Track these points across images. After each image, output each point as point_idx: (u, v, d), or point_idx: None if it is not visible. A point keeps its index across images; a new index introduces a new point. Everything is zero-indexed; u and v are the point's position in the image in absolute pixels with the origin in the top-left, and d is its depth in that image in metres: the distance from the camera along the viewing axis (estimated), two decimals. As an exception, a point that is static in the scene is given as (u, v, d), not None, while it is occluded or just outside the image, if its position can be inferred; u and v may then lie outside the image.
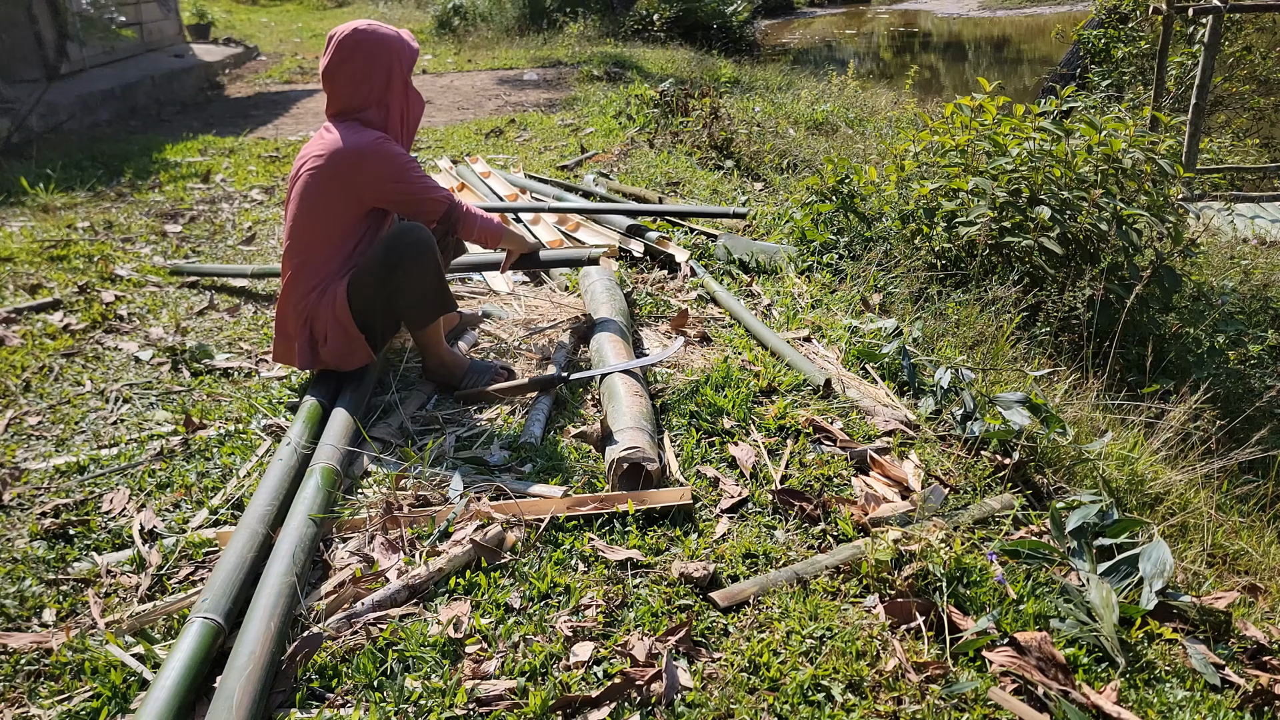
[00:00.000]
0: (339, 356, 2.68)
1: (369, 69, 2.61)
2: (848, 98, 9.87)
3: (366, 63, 2.60)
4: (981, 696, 1.68)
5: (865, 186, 4.56)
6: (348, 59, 2.60)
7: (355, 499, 2.30)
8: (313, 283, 2.65)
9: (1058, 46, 13.84)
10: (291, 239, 2.67)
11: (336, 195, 2.59)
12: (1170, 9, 6.27)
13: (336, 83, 2.62)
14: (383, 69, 2.62)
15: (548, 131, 7.24)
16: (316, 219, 2.62)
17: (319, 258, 2.64)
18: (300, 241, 2.65)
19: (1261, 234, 5.77)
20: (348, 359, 2.70)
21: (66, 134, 7.48)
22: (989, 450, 2.54)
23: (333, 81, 2.62)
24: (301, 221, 2.63)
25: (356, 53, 2.60)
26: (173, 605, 1.94)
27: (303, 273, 2.65)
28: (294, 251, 2.66)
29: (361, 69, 2.60)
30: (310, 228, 2.63)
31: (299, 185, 2.63)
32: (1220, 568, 2.49)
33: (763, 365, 2.95)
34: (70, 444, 2.68)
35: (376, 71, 2.62)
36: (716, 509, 2.24)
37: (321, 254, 2.64)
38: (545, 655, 1.76)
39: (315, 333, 2.67)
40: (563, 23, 14.08)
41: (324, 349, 2.67)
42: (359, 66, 2.60)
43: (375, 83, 2.63)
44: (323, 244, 2.64)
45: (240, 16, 18.82)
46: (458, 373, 2.85)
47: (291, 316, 2.68)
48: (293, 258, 2.66)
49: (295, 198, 2.64)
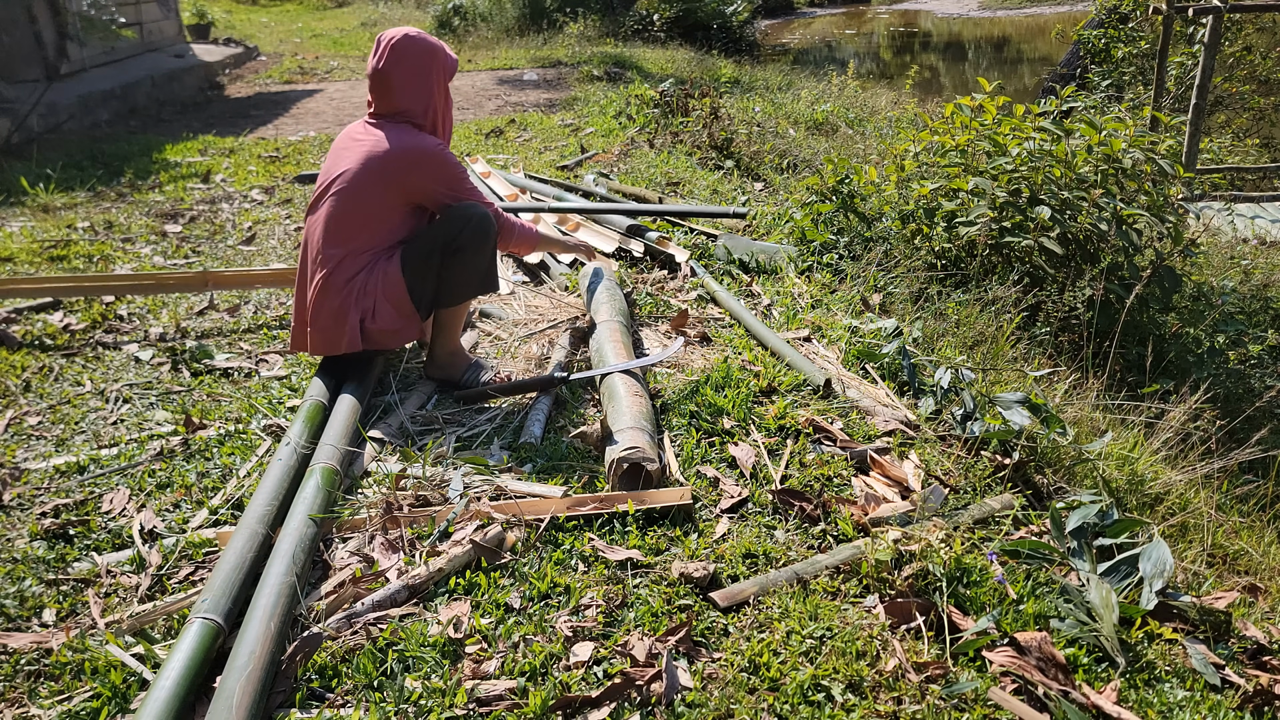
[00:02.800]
0: (388, 335, 2.70)
1: (419, 73, 2.70)
2: (848, 98, 9.87)
3: (416, 67, 2.70)
4: (981, 696, 1.68)
5: (865, 186, 4.56)
6: (399, 62, 2.68)
7: (355, 499, 2.30)
8: (357, 267, 2.67)
9: (1058, 46, 13.85)
10: (329, 233, 2.67)
11: (383, 191, 2.65)
12: (1170, 9, 6.27)
13: (388, 84, 2.69)
14: (430, 75, 2.72)
15: (548, 131, 7.24)
16: (359, 211, 2.66)
17: (361, 247, 2.68)
18: (342, 234, 2.66)
19: (1261, 234, 5.77)
20: (397, 336, 2.72)
21: (66, 134, 7.48)
22: (989, 450, 2.54)
23: (384, 83, 2.69)
24: (343, 214, 2.66)
25: (407, 57, 2.68)
26: (173, 605, 1.94)
27: (347, 262, 2.66)
28: (335, 243, 2.66)
29: (412, 73, 2.69)
30: (352, 219, 2.66)
31: (345, 182, 2.65)
32: (1220, 568, 2.49)
33: (763, 365, 2.95)
34: (70, 444, 2.68)
35: (425, 77, 2.72)
36: (716, 509, 2.24)
37: (363, 244, 2.68)
38: (545, 655, 1.76)
39: (362, 312, 2.68)
40: (563, 23, 14.08)
41: (372, 325, 2.68)
42: (409, 70, 2.69)
43: (423, 87, 2.72)
44: (365, 235, 2.68)
45: (240, 16, 18.82)
46: (461, 365, 2.86)
47: (333, 304, 2.66)
48: (333, 248, 2.66)
49: (336, 193, 2.66)
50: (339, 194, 2.66)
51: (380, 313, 2.66)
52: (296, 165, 6.38)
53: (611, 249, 4.09)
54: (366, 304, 2.66)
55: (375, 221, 2.68)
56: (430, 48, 2.72)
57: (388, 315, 2.67)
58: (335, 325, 2.66)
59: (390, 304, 2.67)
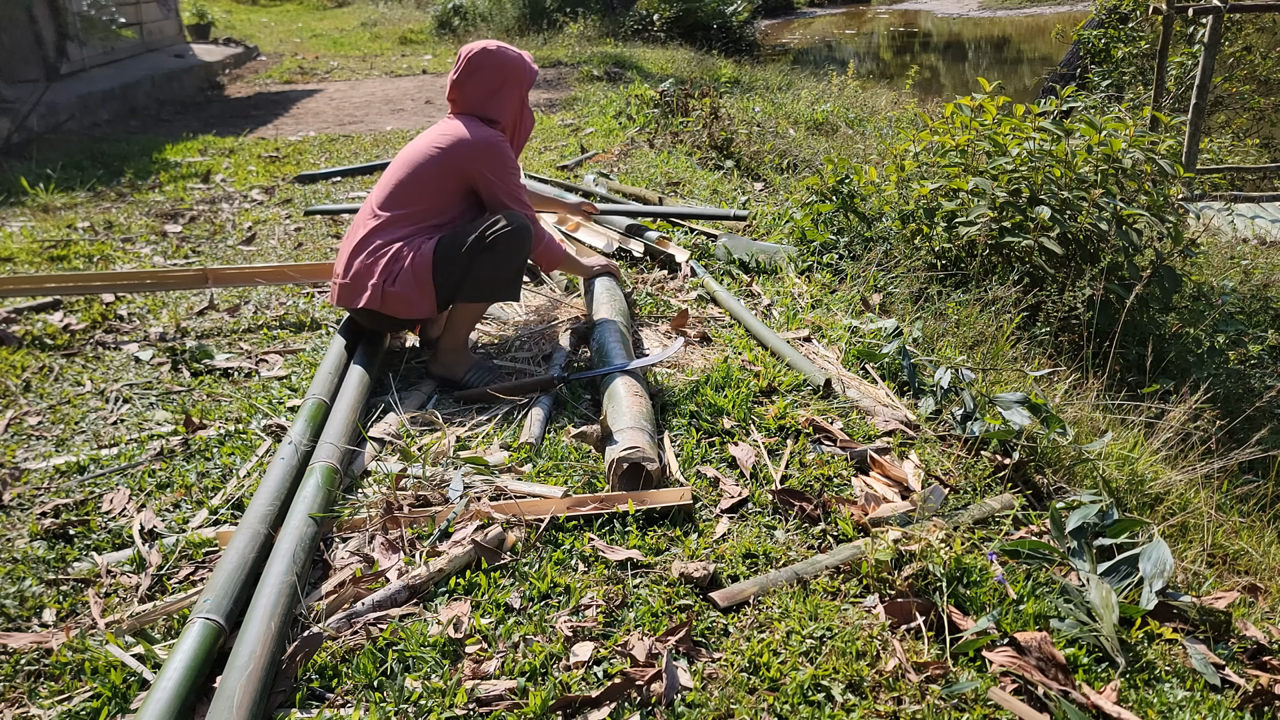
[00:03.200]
0: (403, 302, 2.77)
1: (491, 84, 2.92)
2: (848, 98, 9.88)
3: (489, 78, 2.92)
4: (981, 696, 1.68)
5: (865, 186, 4.56)
6: (474, 73, 2.90)
7: (355, 498, 2.30)
8: (404, 232, 2.81)
9: (1058, 46, 13.85)
10: (387, 194, 2.87)
11: (444, 170, 2.84)
12: (1170, 9, 6.27)
13: (464, 92, 2.93)
14: (503, 85, 2.93)
15: (548, 131, 7.24)
16: (417, 182, 2.85)
17: (414, 215, 2.84)
18: (396, 198, 2.85)
19: (1261, 234, 5.77)
20: (411, 307, 2.78)
21: (66, 134, 7.48)
22: (989, 450, 2.54)
23: (460, 91, 2.94)
24: (402, 181, 2.86)
25: (481, 69, 2.90)
26: (173, 605, 1.94)
27: (393, 224, 2.82)
28: (388, 205, 2.85)
29: (484, 83, 2.92)
30: (409, 187, 2.85)
31: (413, 154, 2.88)
32: (1220, 568, 2.49)
33: (763, 365, 2.95)
34: (70, 444, 2.68)
35: (497, 87, 2.93)
36: (716, 509, 2.24)
37: (416, 212, 2.84)
38: (545, 655, 1.76)
39: (390, 270, 2.77)
40: (563, 23, 14.08)
41: (391, 289, 2.77)
42: (482, 81, 2.91)
43: (496, 96, 2.94)
44: (417, 205, 2.84)
45: (240, 16, 18.83)
46: (465, 364, 2.90)
47: (365, 260, 2.80)
48: (385, 209, 2.85)
49: (404, 163, 2.88)
50: (405, 162, 2.88)
51: (401, 279, 2.76)
52: (296, 165, 6.38)
53: (611, 249, 4.09)
54: (394, 268, 2.77)
55: (430, 195, 2.85)
56: (504, 60, 2.92)
57: (407, 283, 2.76)
58: (360, 278, 2.81)
59: (413, 275, 2.76)
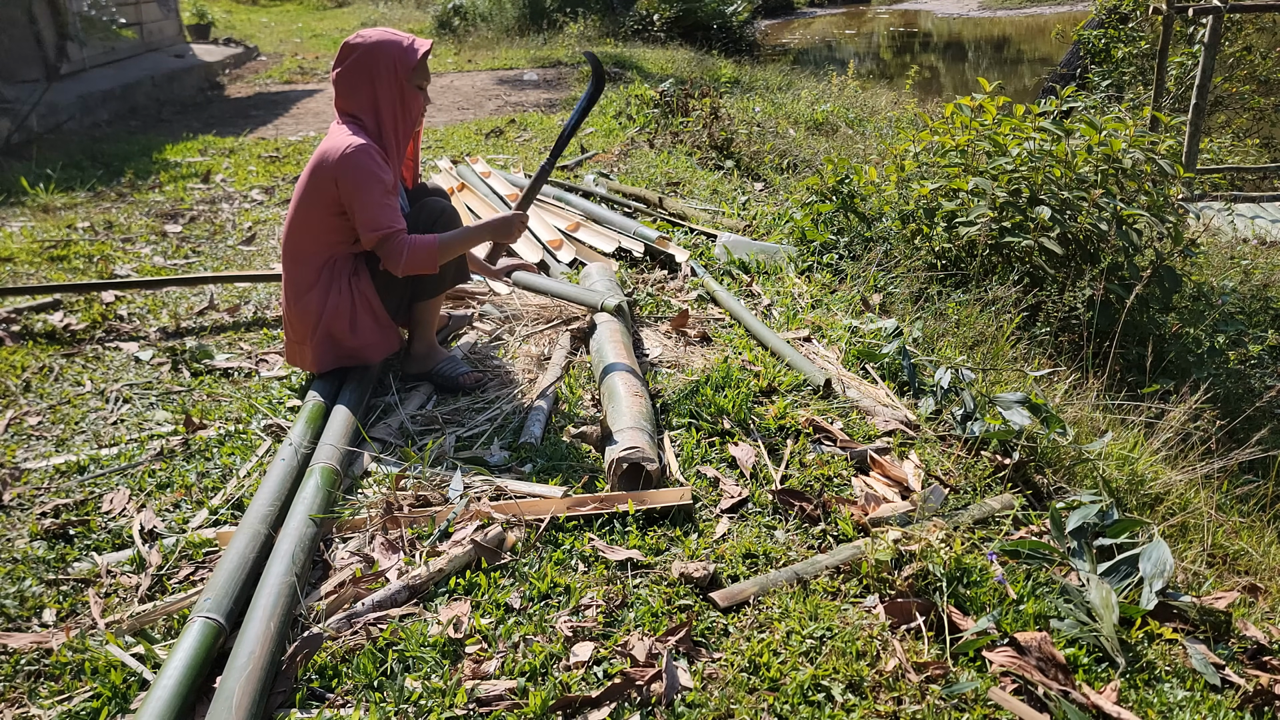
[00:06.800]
0: (369, 347, 2.72)
1: (357, 78, 2.63)
2: (848, 98, 9.87)
3: (355, 71, 2.63)
4: (981, 696, 1.68)
5: (865, 186, 4.56)
6: (342, 61, 2.65)
7: (355, 499, 2.30)
8: (309, 282, 2.66)
9: (1058, 46, 13.84)
10: (284, 244, 2.70)
11: (318, 191, 2.60)
12: (1170, 9, 6.27)
13: (338, 92, 2.70)
14: (370, 78, 2.62)
15: (548, 131, 7.24)
16: (299, 217, 2.64)
17: (306, 257, 2.66)
18: (289, 244, 2.67)
19: (1261, 234, 5.77)
20: (377, 348, 2.74)
21: (66, 134, 7.48)
22: (989, 450, 2.54)
23: (335, 86, 2.71)
24: (290, 223, 2.67)
25: (345, 64, 2.65)
26: (173, 605, 1.94)
27: (297, 274, 2.67)
28: (286, 254, 2.69)
29: (349, 79, 2.64)
30: (295, 227, 2.65)
31: (301, 179, 2.66)
32: (1220, 568, 2.49)
33: (763, 365, 2.95)
34: (70, 444, 2.68)
35: (364, 80, 2.63)
36: (716, 509, 2.24)
37: (308, 253, 2.66)
38: (545, 655, 1.76)
39: (335, 330, 2.67)
40: (563, 23, 14.07)
41: (351, 340, 2.69)
42: (347, 77, 2.64)
43: (363, 91, 2.64)
44: (307, 243, 2.66)
45: (240, 16, 18.82)
46: (438, 358, 2.92)
47: (297, 320, 2.69)
48: (286, 259, 2.69)
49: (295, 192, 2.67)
50: (296, 192, 2.66)
51: (360, 327, 2.68)
52: (296, 165, 6.38)
53: (611, 249, 4.09)
54: (340, 324, 2.66)
55: (317, 228, 2.63)
56: (371, 49, 2.61)
57: (368, 329, 2.69)
58: (299, 342, 2.72)
59: (370, 316, 2.69)
